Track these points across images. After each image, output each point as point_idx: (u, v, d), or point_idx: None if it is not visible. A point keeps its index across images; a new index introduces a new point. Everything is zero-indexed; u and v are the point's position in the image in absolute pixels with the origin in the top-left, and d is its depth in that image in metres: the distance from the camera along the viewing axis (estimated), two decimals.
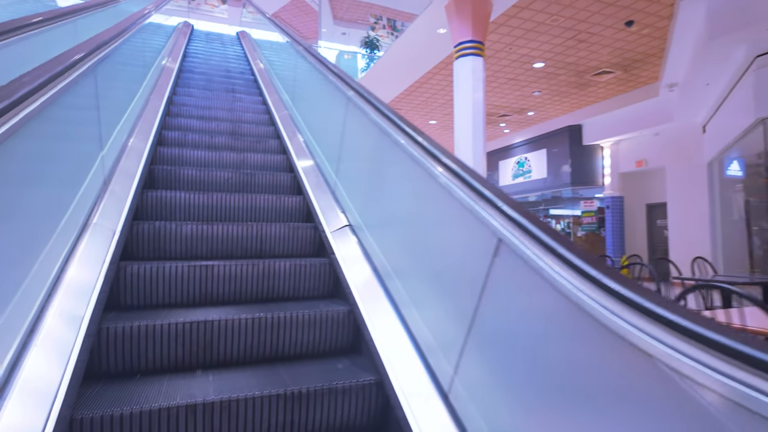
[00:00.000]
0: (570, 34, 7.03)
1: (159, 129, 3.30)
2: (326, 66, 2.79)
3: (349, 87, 2.32)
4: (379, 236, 2.05)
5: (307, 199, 2.79)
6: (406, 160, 1.68)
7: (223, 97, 4.51)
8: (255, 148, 3.52)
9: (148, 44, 4.40)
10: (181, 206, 2.47)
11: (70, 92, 1.63)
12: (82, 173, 1.85)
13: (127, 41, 2.73)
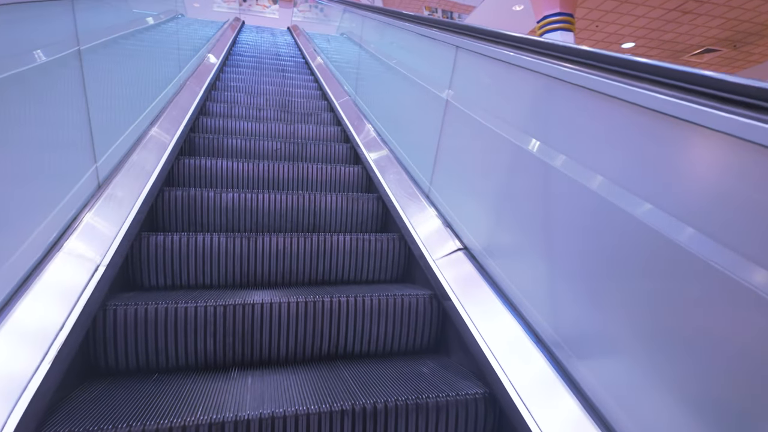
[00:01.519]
0: (673, 3, 6.31)
1: (202, 99, 3.17)
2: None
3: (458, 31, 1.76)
4: (471, 202, 1.62)
5: (367, 169, 2.51)
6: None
7: (273, 76, 4.42)
8: (307, 120, 3.35)
9: (198, 32, 4.55)
10: (221, 175, 2.27)
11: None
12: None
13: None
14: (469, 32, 1.69)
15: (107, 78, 1.71)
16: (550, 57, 1.19)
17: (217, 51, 4.67)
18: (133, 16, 2.20)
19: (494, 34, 1.49)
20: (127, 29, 2.01)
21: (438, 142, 1.87)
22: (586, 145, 1.04)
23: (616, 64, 0.98)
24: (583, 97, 1.05)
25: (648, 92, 0.86)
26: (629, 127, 0.92)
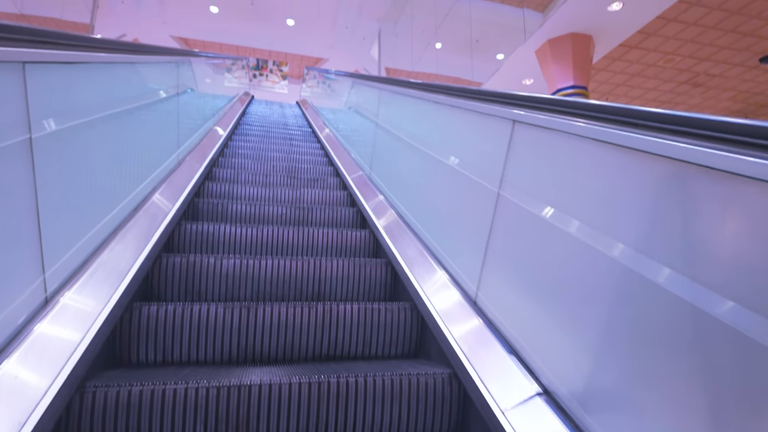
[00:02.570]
0: (685, 76, 6.70)
1: (209, 165, 3.27)
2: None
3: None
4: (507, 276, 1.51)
5: (375, 233, 2.51)
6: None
7: (279, 143, 4.60)
8: (313, 184, 3.43)
9: (207, 105, 4.75)
10: (223, 240, 2.27)
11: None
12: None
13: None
14: (538, 103, 1.33)
15: (74, 168, 1.42)
16: (689, 136, 0.87)
17: (224, 123, 4.85)
18: (119, 95, 1.91)
19: (583, 105, 1.14)
20: (108, 110, 1.72)
21: (487, 243, 1.51)
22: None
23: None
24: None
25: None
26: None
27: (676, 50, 5.89)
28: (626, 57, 6.14)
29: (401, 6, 10.21)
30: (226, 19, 12.04)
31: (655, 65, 6.27)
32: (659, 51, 5.94)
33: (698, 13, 5.43)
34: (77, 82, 1.48)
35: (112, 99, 1.78)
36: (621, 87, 6.87)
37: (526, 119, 1.39)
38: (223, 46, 13.24)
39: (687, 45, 5.82)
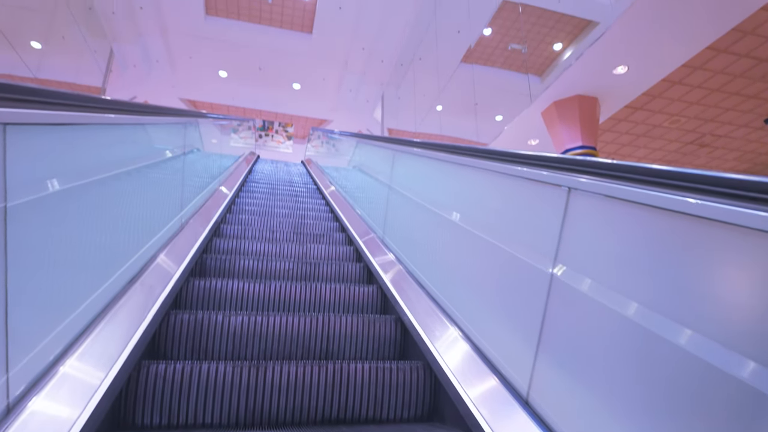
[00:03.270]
0: (691, 137, 6.97)
1: (217, 222, 3.38)
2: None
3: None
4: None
5: (383, 288, 2.54)
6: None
7: (285, 200, 4.77)
8: (319, 240, 3.52)
9: (212, 165, 4.94)
10: (231, 297, 2.33)
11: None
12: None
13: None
14: (606, 170, 1.15)
15: (64, 236, 1.32)
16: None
17: (231, 182, 5.01)
18: (119, 157, 1.83)
19: (671, 174, 0.94)
20: (106, 172, 1.64)
21: (540, 332, 1.32)
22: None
23: None
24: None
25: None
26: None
27: (681, 112, 6.18)
28: (632, 118, 6.44)
29: (403, 72, 10.84)
30: (234, 83, 12.75)
31: (660, 126, 6.54)
32: (664, 112, 6.23)
33: (702, 76, 5.77)
34: (70, 143, 1.39)
35: (111, 161, 1.72)
36: (627, 147, 7.13)
37: (588, 187, 1.20)
38: (230, 108, 13.91)
39: (692, 107, 6.11)
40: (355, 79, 11.92)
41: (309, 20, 10.24)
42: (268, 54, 11.21)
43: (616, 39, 4.94)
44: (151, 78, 11.79)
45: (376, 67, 11.11)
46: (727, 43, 5.16)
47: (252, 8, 9.94)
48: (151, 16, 9.73)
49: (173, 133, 3.04)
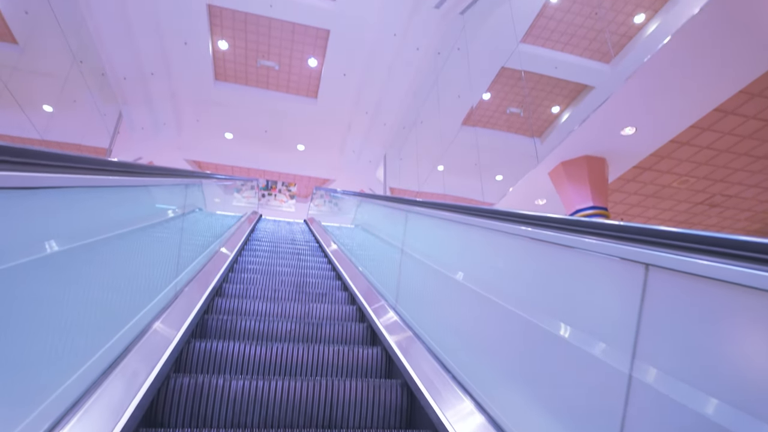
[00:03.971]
0: (701, 197, 6.73)
1: (219, 282, 3.37)
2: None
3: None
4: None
5: (388, 349, 2.41)
6: None
7: (288, 258, 4.73)
8: (321, 299, 3.49)
9: (215, 225, 4.91)
10: (232, 360, 2.28)
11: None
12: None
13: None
14: (693, 242, 0.91)
15: (29, 314, 1.14)
16: None
17: (234, 241, 4.94)
18: (108, 221, 1.63)
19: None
20: (89, 238, 1.43)
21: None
22: None
23: None
24: None
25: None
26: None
27: (690, 172, 5.95)
28: (640, 178, 6.21)
29: (405, 134, 10.86)
30: (239, 145, 12.77)
31: (669, 186, 6.30)
32: (673, 173, 6.01)
33: (710, 137, 5.60)
34: (44, 208, 1.23)
35: (97, 226, 1.59)
36: (636, 207, 6.86)
37: (675, 265, 0.94)
38: (234, 168, 13.84)
39: (701, 167, 5.90)
40: (358, 141, 11.95)
41: (314, 86, 10.35)
42: (274, 117, 11.29)
43: (624, 101, 4.83)
44: (158, 140, 11.78)
45: (379, 129, 11.16)
46: (734, 105, 5.01)
47: (260, 74, 10.06)
48: (161, 82, 9.82)
49: (173, 194, 2.93)
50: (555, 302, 1.37)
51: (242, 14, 8.77)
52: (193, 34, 9.08)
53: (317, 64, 10.06)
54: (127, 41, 8.84)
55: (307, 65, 10.14)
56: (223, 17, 8.87)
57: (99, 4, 8.00)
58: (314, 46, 9.52)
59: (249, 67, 10.14)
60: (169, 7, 8.47)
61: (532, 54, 8.84)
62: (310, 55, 9.83)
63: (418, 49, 8.99)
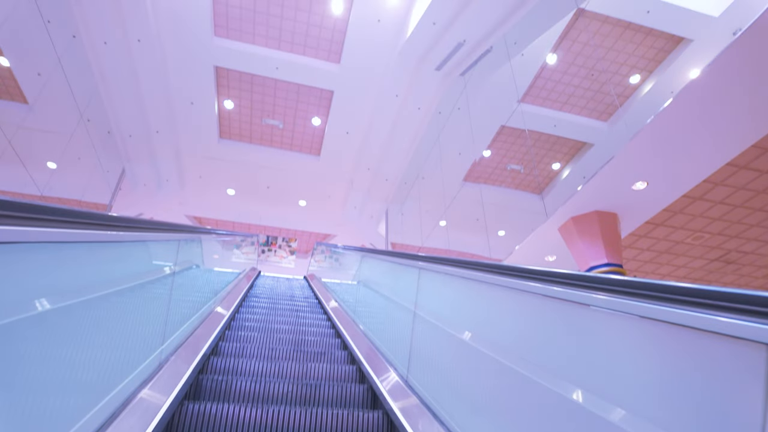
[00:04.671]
0: (716, 254, 6.43)
1: (216, 340, 3.26)
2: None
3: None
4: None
5: (390, 414, 2.24)
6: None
7: (286, 315, 4.63)
8: (319, 358, 3.41)
9: (212, 281, 4.72)
10: (227, 424, 2.16)
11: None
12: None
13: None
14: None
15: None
16: None
17: (230, 299, 4.80)
18: (81, 281, 1.42)
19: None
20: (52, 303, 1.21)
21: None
22: None
23: None
24: None
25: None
26: None
27: (704, 228, 5.68)
28: (653, 234, 5.92)
29: (407, 189, 10.72)
30: (241, 200, 12.60)
31: (683, 242, 6.00)
32: (687, 228, 5.73)
33: (724, 192, 5.38)
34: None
35: (71, 288, 1.37)
36: (649, 264, 6.52)
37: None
38: (235, 224, 13.57)
39: (715, 223, 5.62)
40: (360, 197, 11.79)
41: (317, 143, 10.32)
42: (276, 173, 11.19)
43: (632, 157, 4.65)
44: (160, 196, 11.60)
45: (380, 185, 11.03)
46: (747, 159, 4.83)
47: (264, 132, 10.05)
48: (166, 139, 9.77)
49: (168, 250, 2.74)
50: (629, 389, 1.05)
51: (248, 75, 8.87)
52: (199, 94, 9.15)
53: (321, 123, 10.09)
54: (135, 101, 8.89)
55: (311, 124, 10.18)
56: (230, 78, 8.96)
57: (111, 66, 8.09)
58: (318, 105, 9.58)
59: (253, 125, 10.16)
60: (178, 68, 8.56)
61: (532, 113, 8.88)
62: (314, 114, 9.88)
63: (420, 108, 9.04)
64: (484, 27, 7.20)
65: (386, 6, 7.68)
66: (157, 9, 7.60)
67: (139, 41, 7.85)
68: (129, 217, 1.76)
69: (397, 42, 8.19)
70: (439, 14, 7.09)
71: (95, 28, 7.55)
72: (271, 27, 8.27)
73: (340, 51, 8.64)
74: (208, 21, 7.92)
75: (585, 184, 5.23)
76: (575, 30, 7.64)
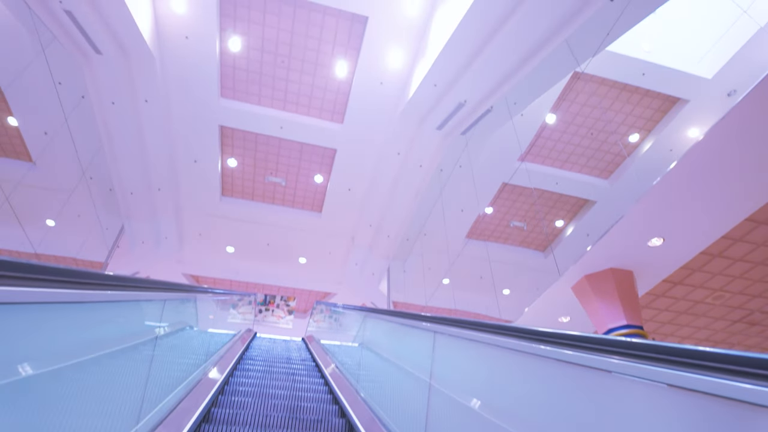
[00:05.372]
0: (738, 314, 6.03)
1: (208, 405, 3.03)
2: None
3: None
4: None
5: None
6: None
7: (282, 379, 4.39)
8: (316, 426, 3.19)
9: (211, 340, 4.46)
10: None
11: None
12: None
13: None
14: None
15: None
16: None
17: (225, 362, 4.51)
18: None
19: None
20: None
21: None
22: None
23: None
24: None
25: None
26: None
27: (725, 287, 5.33)
28: (671, 293, 5.56)
29: (410, 246, 10.44)
30: (240, 258, 12.26)
31: (703, 302, 5.62)
32: (706, 287, 5.38)
33: (744, 249, 5.10)
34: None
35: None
36: (667, 325, 6.09)
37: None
38: (233, 282, 13.10)
39: (736, 281, 5.29)
40: (361, 253, 11.48)
41: (319, 200, 10.17)
42: (277, 230, 10.97)
43: (647, 211, 4.40)
44: (158, 254, 11.27)
45: (382, 241, 10.77)
46: (766, 214, 4.56)
47: (266, 189, 9.94)
48: (167, 197, 9.62)
49: (145, 312, 2.42)
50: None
51: (253, 134, 8.87)
52: (203, 152, 9.12)
53: (323, 180, 9.99)
54: (139, 159, 8.84)
55: (313, 181, 10.10)
56: (235, 137, 8.97)
57: (117, 125, 8.13)
58: (321, 163, 9.54)
59: (256, 182, 10.06)
60: (184, 127, 8.59)
61: (533, 171, 8.80)
62: (317, 171, 9.83)
63: (421, 165, 8.98)
64: (484, 88, 7.28)
65: (388, 69, 7.82)
66: (166, 72, 7.72)
67: (147, 101, 7.90)
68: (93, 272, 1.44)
69: (399, 103, 8.27)
70: (440, 77, 7.19)
71: (105, 89, 7.63)
72: (276, 89, 8.39)
73: (343, 111, 8.72)
74: (216, 83, 8.03)
75: (598, 240, 4.97)
76: (573, 91, 7.73)
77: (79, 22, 6.46)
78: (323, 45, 7.83)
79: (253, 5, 7.24)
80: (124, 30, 6.68)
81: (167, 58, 7.66)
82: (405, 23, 7.28)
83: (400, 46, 7.60)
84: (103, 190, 9.66)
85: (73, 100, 7.71)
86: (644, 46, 7.23)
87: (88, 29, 6.57)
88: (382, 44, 7.56)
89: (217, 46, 7.62)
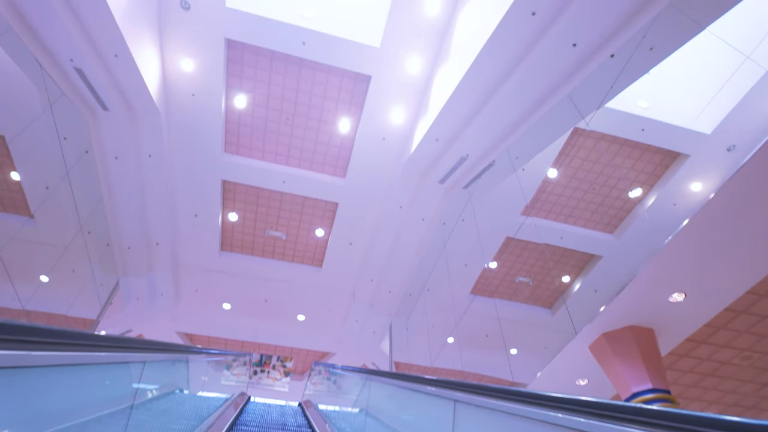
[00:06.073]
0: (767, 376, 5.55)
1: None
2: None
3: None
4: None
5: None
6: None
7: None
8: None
9: (202, 404, 4.07)
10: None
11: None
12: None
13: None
14: None
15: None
16: None
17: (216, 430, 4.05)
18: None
19: None
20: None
21: None
22: None
23: None
24: None
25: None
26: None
27: (752, 346, 4.94)
28: (695, 353, 5.15)
29: (413, 302, 9.99)
30: (237, 316, 11.74)
31: (730, 363, 5.20)
32: (733, 347, 4.98)
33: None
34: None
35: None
36: (692, 389, 5.61)
37: None
38: (228, 341, 12.45)
39: (764, 340, 4.88)
40: (362, 310, 11.00)
41: (320, 255, 9.89)
42: (276, 286, 10.56)
43: (665, 267, 4.10)
44: (152, 310, 10.80)
45: (384, 297, 10.34)
46: None
47: (266, 244, 9.68)
48: (165, 252, 9.34)
49: (116, 376, 2.12)
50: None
51: (255, 189, 8.75)
52: (204, 206, 8.97)
53: (324, 234, 9.76)
54: (138, 213, 8.68)
55: (314, 235, 9.87)
56: (237, 191, 8.85)
57: (118, 179, 8.04)
58: (322, 217, 9.36)
59: (256, 237, 9.82)
60: (186, 181, 8.50)
61: (537, 225, 8.59)
62: (318, 225, 9.63)
63: (424, 219, 8.80)
64: (486, 143, 7.27)
65: (391, 125, 7.86)
66: (171, 127, 7.74)
67: (150, 156, 7.85)
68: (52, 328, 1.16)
69: (401, 157, 8.24)
70: (441, 132, 7.19)
71: (109, 144, 7.61)
72: (280, 144, 8.39)
73: (346, 166, 8.68)
74: (220, 138, 8.04)
75: (615, 296, 4.64)
76: (574, 147, 7.72)
77: (89, 80, 6.53)
78: (327, 102, 7.92)
79: (260, 65, 7.39)
80: (133, 88, 6.75)
81: (173, 114, 7.71)
82: (407, 81, 7.40)
83: (403, 102, 7.68)
84: (101, 244, 9.39)
85: (76, 154, 7.66)
86: (641, 104, 7.30)
87: (97, 86, 6.63)
88: (385, 101, 7.65)
89: (222, 103, 7.70)
